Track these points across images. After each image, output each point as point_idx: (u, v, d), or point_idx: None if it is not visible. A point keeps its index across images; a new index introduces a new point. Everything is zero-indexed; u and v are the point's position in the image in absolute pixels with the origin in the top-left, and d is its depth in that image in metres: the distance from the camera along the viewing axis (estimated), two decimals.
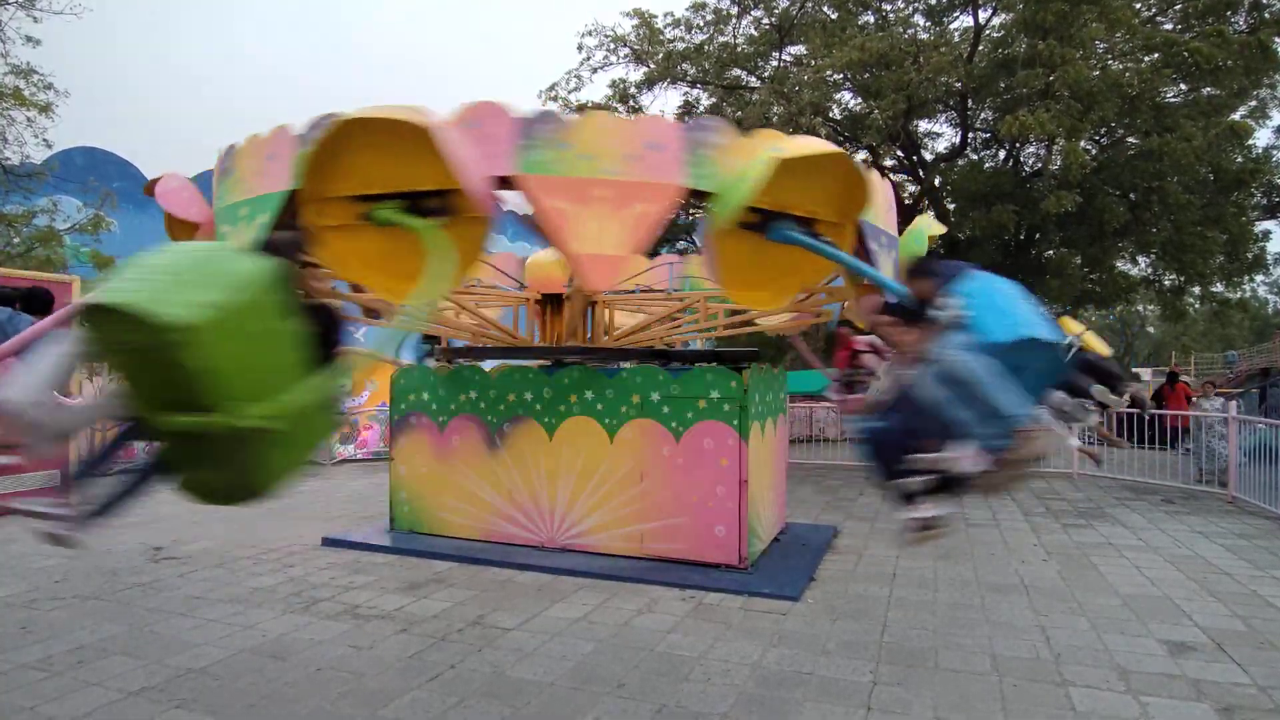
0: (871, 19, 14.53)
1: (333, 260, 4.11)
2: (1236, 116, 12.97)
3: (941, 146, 16.07)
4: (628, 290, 8.69)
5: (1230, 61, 11.13)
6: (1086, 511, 8.29)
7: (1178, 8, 12.64)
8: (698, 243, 14.42)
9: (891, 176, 14.68)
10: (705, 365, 6.10)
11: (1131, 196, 12.72)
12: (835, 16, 14.31)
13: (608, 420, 5.96)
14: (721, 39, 15.08)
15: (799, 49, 14.80)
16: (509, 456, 6.30)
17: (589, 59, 15.29)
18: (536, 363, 6.77)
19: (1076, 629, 4.47)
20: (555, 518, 6.13)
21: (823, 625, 4.53)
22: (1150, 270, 15.12)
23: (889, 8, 14.71)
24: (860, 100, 14.01)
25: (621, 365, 6.52)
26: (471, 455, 6.46)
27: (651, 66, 14.82)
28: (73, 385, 7.10)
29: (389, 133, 3.53)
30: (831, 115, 13.76)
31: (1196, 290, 14.78)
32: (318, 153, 3.67)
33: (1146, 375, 30.84)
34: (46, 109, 11.02)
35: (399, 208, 3.76)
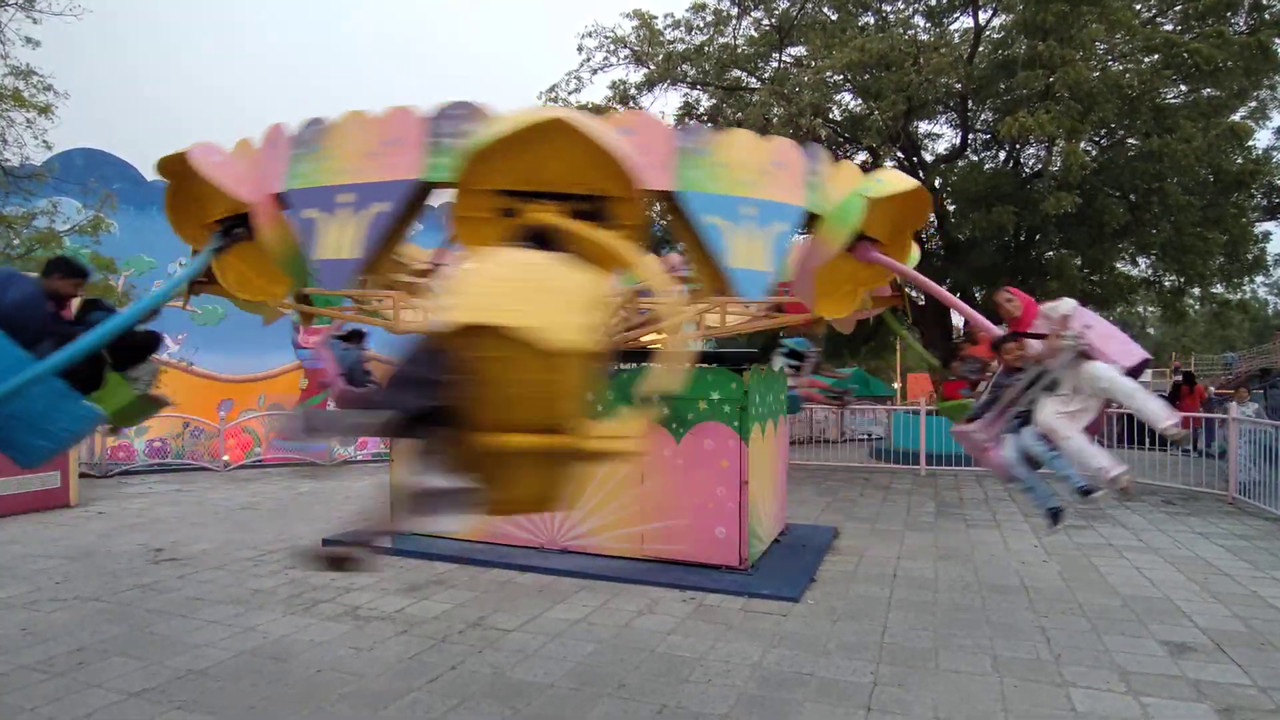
0: (871, 20, 14.54)
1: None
2: (1236, 117, 12.97)
3: (942, 148, 16.08)
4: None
5: (1230, 62, 11.14)
6: (1086, 512, 8.29)
7: (1178, 9, 12.65)
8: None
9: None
10: (706, 366, 6.10)
11: (1131, 198, 12.73)
12: (835, 17, 14.32)
13: None
14: (721, 40, 15.08)
15: (799, 50, 14.82)
16: None
17: (589, 60, 15.29)
18: None
19: (1077, 630, 4.47)
20: (555, 519, 6.13)
21: (823, 626, 4.53)
22: (1150, 271, 15.12)
23: (889, 9, 14.71)
24: (860, 101, 14.02)
25: (621, 366, 6.52)
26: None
27: (652, 68, 14.83)
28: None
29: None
30: (831, 116, 13.77)
31: (1197, 291, 14.78)
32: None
33: (1145, 376, 30.74)
34: (46, 110, 11.00)
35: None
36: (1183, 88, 12.80)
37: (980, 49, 13.11)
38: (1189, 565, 5.97)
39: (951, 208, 13.80)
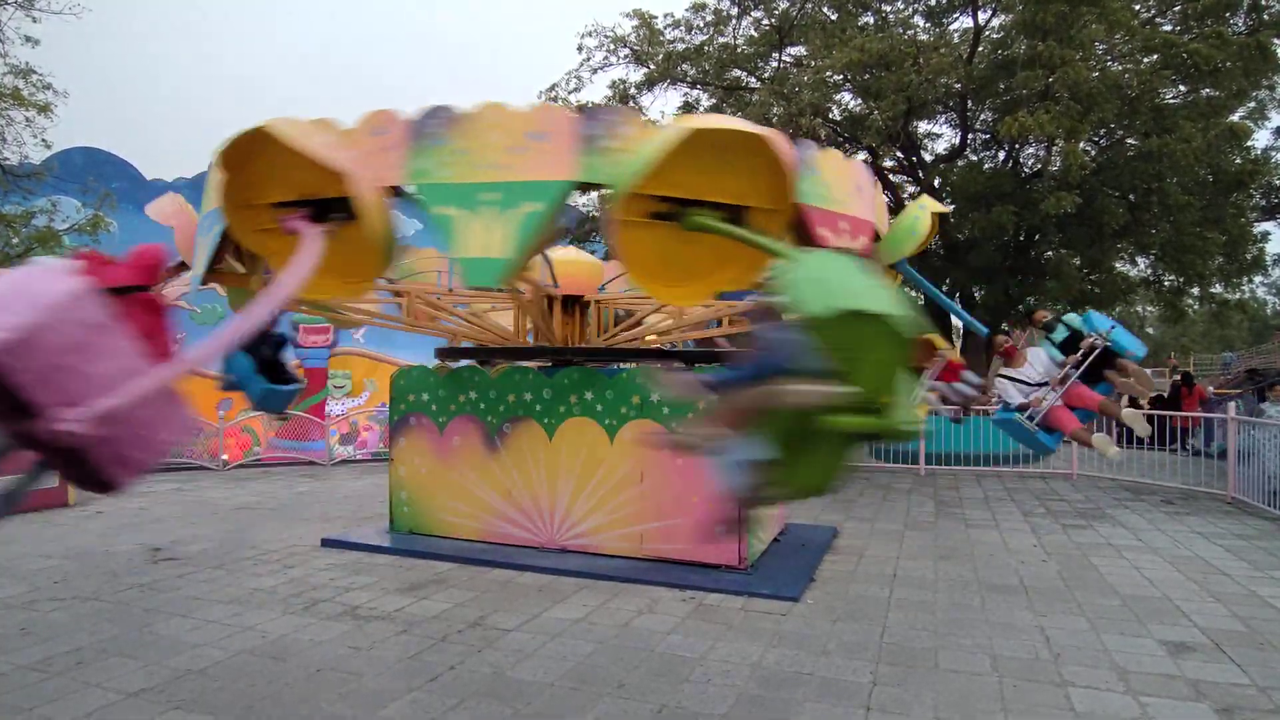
0: (871, 20, 14.55)
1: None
2: (1235, 118, 12.99)
3: (941, 147, 16.09)
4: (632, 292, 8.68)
5: (1229, 63, 11.15)
6: (1086, 512, 8.29)
7: (1177, 9, 12.66)
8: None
9: (891, 178, 14.70)
10: (706, 365, 6.10)
11: (1131, 197, 12.74)
12: (835, 17, 14.34)
13: (608, 421, 5.96)
14: (721, 40, 15.09)
15: (799, 50, 14.83)
16: (509, 457, 6.30)
17: (589, 59, 15.31)
18: (536, 364, 6.77)
19: (1076, 629, 4.47)
20: (555, 518, 6.13)
21: (823, 626, 4.53)
22: (1149, 271, 15.14)
23: (889, 9, 14.73)
24: (860, 101, 14.02)
25: (621, 366, 6.52)
26: (471, 456, 6.45)
27: (651, 67, 14.83)
28: None
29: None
30: (831, 116, 13.77)
31: (1196, 291, 14.80)
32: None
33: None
34: (46, 109, 11.00)
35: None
36: (1182, 88, 12.82)
37: (980, 49, 13.12)
38: (1188, 565, 5.97)
39: (951, 207, 13.80)
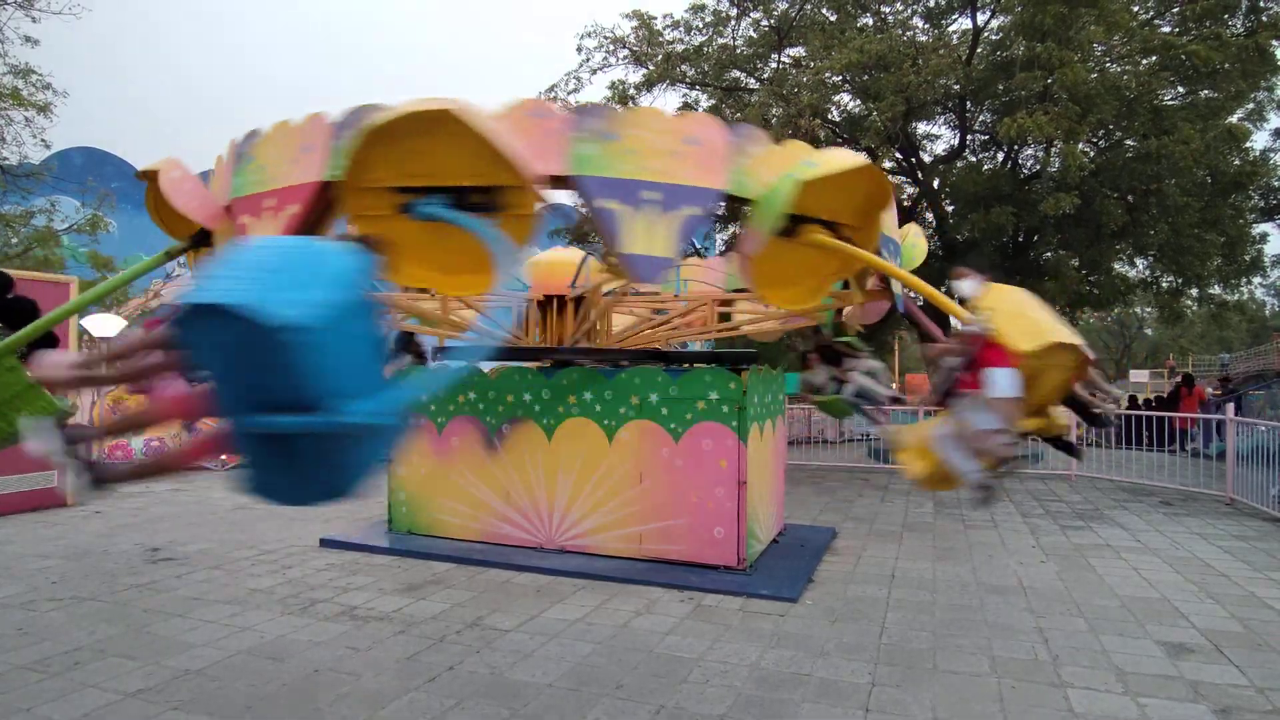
0: (870, 21, 14.55)
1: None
2: (1234, 119, 13.00)
3: (940, 148, 16.09)
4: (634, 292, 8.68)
5: (1228, 64, 11.16)
6: (1084, 513, 8.30)
7: (1175, 10, 12.67)
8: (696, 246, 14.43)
9: (890, 178, 14.70)
10: (704, 366, 6.10)
11: (1129, 199, 12.74)
12: (834, 18, 14.34)
13: (607, 421, 5.95)
14: (720, 41, 15.09)
15: (798, 51, 14.82)
16: (508, 458, 6.29)
17: (588, 60, 15.29)
18: (536, 364, 6.76)
19: (1074, 630, 4.47)
20: (554, 519, 6.12)
21: (821, 627, 4.53)
22: (1148, 272, 15.13)
23: (888, 10, 14.73)
24: (859, 102, 14.03)
25: (620, 366, 6.51)
26: (470, 456, 6.45)
27: (651, 68, 14.82)
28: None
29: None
30: (830, 117, 13.78)
31: (1194, 292, 14.80)
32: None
33: (1144, 377, 30.86)
34: (45, 109, 11.01)
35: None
36: (1180, 89, 12.83)
37: (979, 50, 13.12)
38: (1187, 566, 5.97)
39: (950, 208, 13.81)
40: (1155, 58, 11.79)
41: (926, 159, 15.41)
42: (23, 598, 5.03)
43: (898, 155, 14.79)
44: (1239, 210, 13.60)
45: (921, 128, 15.58)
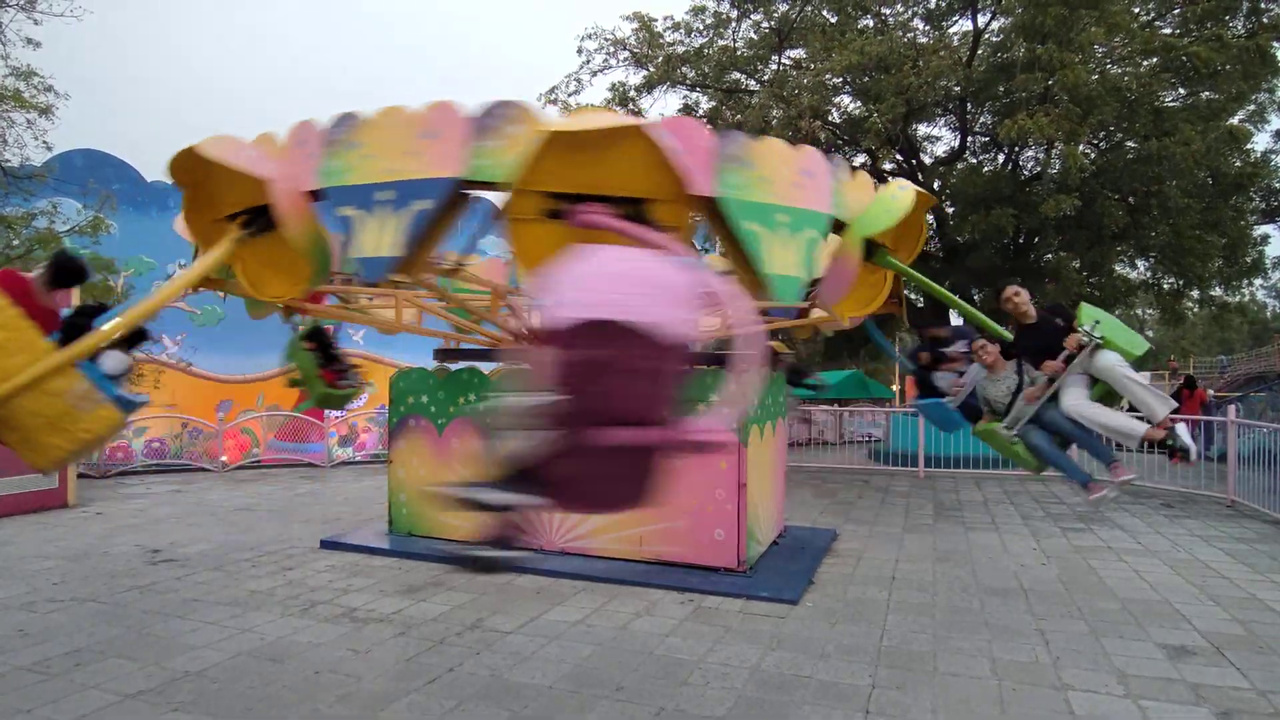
0: (870, 23, 14.56)
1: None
2: (1235, 120, 13.00)
3: (941, 150, 16.10)
4: None
5: (1228, 65, 11.17)
6: (1085, 515, 8.29)
7: (1176, 12, 12.68)
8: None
9: (891, 180, 14.70)
10: (704, 367, 6.09)
11: (1130, 200, 12.75)
12: (834, 20, 14.36)
13: None
14: (721, 42, 15.10)
15: (798, 52, 14.83)
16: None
17: (589, 62, 15.31)
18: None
19: (1075, 632, 4.46)
20: (554, 520, 6.12)
21: (821, 628, 4.53)
22: (1149, 274, 15.14)
23: (888, 11, 14.74)
24: (860, 104, 14.04)
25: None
26: (470, 458, 6.45)
27: (651, 70, 14.84)
28: None
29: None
30: (831, 119, 13.79)
31: (1195, 294, 14.81)
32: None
33: (1145, 378, 30.75)
34: (47, 111, 11.02)
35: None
36: (1181, 91, 12.83)
37: (979, 52, 13.13)
38: (1188, 568, 5.96)
39: (950, 210, 13.80)
40: (1156, 59, 11.79)
41: (927, 160, 15.43)
42: (23, 599, 5.03)
43: (898, 157, 14.79)
44: (1240, 212, 13.60)
45: (922, 129, 15.60)
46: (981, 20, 13.49)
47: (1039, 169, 13.91)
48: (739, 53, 14.87)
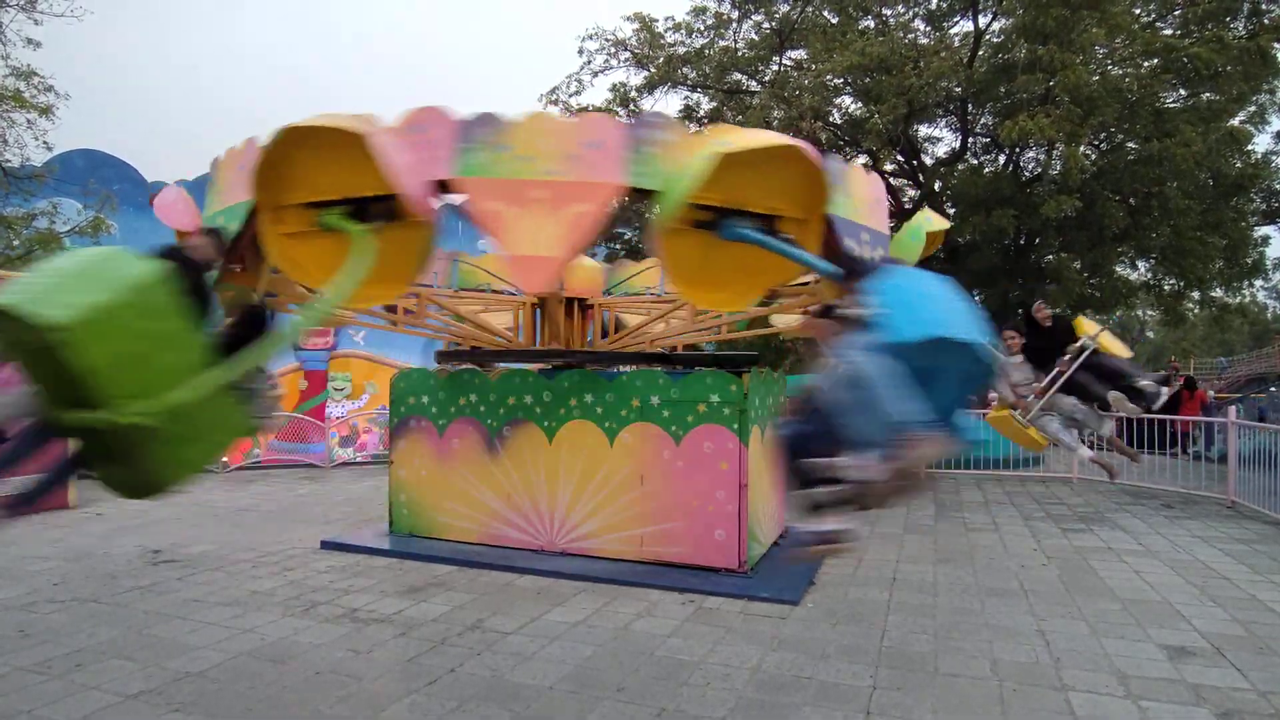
0: (871, 24, 14.58)
1: (289, 266, 4.24)
2: (1236, 122, 13.00)
3: (941, 151, 16.11)
4: (634, 293, 8.70)
5: (1229, 67, 11.17)
6: (1086, 516, 8.29)
7: (1177, 13, 12.68)
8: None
9: (891, 181, 14.71)
10: (705, 369, 6.09)
11: (1131, 201, 12.75)
12: (835, 21, 14.38)
13: (607, 424, 5.95)
14: (722, 43, 15.13)
15: (799, 53, 14.85)
16: (508, 460, 6.30)
17: (590, 63, 15.33)
18: (536, 366, 6.77)
19: (1076, 633, 4.46)
20: (555, 521, 6.12)
21: (822, 629, 4.53)
22: (1150, 275, 15.15)
23: (889, 12, 14.75)
24: (860, 104, 14.05)
25: (621, 368, 6.52)
26: (471, 458, 6.45)
27: (652, 70, 14.86)
28: None
29: (331, 141, 3.64)
30: (832, 119, 13.80)
31: (1196, 295, 14.81)
32: (264, 163, 3.81)
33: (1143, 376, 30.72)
34: (47, 111, 11.04)
35: (343, 213, 3.87)
36: (1182, 92, 12.84)
37: (980, 53, 13.13)
38: (1188, 569, 5.96)
39: (951, 211, 13.80)
40: (1157, 60, 11.80)
41: (928, 161, 15.43)
42: (24, 599, 5.03)
43: (899, 157, 14.81)
44: (1240, 213, 13.61)
45: (923, 130, 15.61)
46: (982, 21, 13.50)
47: (1040, 170, 13.92)
48: (740, 53, 14.89)
